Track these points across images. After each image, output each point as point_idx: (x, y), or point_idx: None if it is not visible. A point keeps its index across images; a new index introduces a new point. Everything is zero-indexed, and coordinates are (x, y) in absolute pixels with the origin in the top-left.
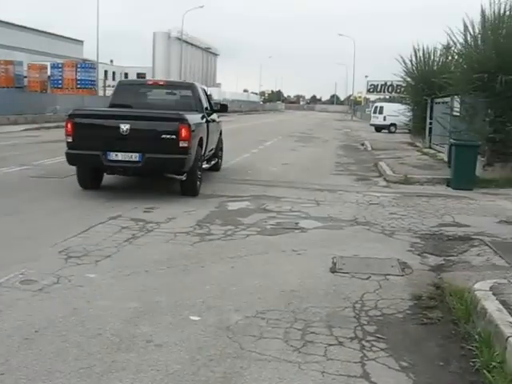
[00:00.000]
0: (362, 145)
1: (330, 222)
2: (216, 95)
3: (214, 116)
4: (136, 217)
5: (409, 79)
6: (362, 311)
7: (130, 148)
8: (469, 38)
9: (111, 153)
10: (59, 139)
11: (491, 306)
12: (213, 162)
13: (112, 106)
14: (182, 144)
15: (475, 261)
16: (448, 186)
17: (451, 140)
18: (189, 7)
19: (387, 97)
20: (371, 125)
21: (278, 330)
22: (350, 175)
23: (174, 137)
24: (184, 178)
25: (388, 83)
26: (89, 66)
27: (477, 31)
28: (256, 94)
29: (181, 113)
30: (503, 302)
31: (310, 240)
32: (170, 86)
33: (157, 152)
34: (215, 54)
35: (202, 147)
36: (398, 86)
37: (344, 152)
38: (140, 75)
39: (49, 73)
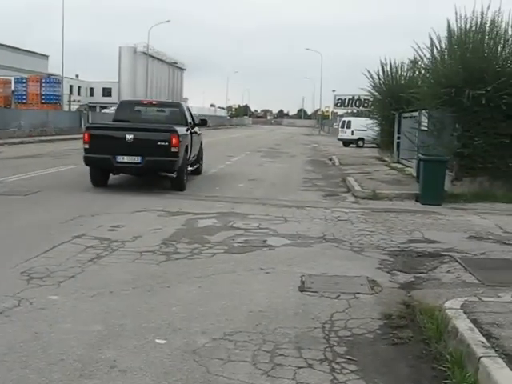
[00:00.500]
0: (330, 160)
1: (298, 239)
2: None
3: (196, 129)
4: (101, 235)
5: (376, 93)
6: (331, 331)
7: (133, 153)
8: (435, 53)
9: (119, 156)
10: (23, 155)
11: (462, 325)
12: (195, 166)
13: (115, 120)
14: (173, 149)
15: (445, 278)
16: (417, 201)
17: (419, 155)
18: (155, 22)
19: (355, 111)
20: (339, 139)
21: (246, 352)
22: (318, 191)
23: (166, 144)
24: (174, 176)
25: (355, 97)
26: (54, 80)
27: (443, 46)
28: (223, 108)
29: (171, 125)
30: (474, 321)
31: (279, 258)
32: (160, 104)
33: (154, 155)
34: (182, 69)
35: (187, 153)
36: (365, 100)
37: (312, 167)
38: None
39: (13, 88)
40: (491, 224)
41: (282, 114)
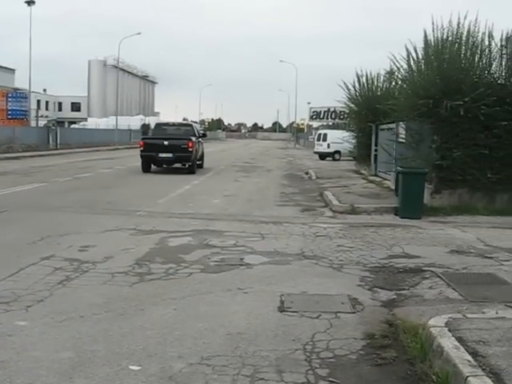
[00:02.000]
0: (307, 173)
1: (276, 257)
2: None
3: (200, 139)
4: (70, 256)
5: (352, 105)
6: (313, 353)
7: (168, 151)
8: (412, 64)
9: (160, 153)
10: None
11: (447, 343)
12: (199, 162)
13: (154, 134)
14: (190, 149)
15: (428, 294)
16: (396, 214)
17: (398, 167)
18: (126, 34)
19: (331, 123)
20: (315, 152)
21: (225, 377)
22: (296, 206)
23: (186, 146)
24: (190, 164)
25: (331, 109)
26: (20, 95)
27: (420, 56)
28: (196, 122)
29: (188, 136)
30: (460, 339)
31: (257, 277)
32: (179, 124)
33: (179, 152)
34: (153, 82)
35: (196, 152)
36: (341, 112)
37: (288, 181)
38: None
39: None
40: (472, 237)
41: (256, 128)
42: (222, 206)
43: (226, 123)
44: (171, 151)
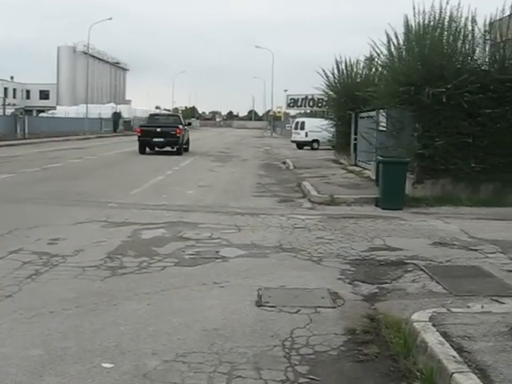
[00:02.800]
0: (284, 163)
1: (253, 250)
2: (126, 113)
3: (186, 127)
4: (39, 250)
5: (331, 93)
6: (292, 349)
7: (160, 136)
8: (393, 50)
9: (154, 138)
10: None
11: (432, 338)
12: (185, 146)
13: (148, 123)
14: (178, 135)
15: (411, 288)
16: (377, 206)
17: (378, 157)
18: (96, 19)
19: (308, 111)
20: (292, 141)
21: (201, 375)
22: (273, 197)
23: (174, 132)
24: (178, 147)
25: (309, 97)
26: None
27: (401, 42)
28: (169, 110)
29: (176, 124)
30: (444, 334)
31: (233, 270)
32: (168, 115)
33: (169, 137)
34: (124, 69)
35: (183, 138)
36: (319, 99)
37: (265, 172)
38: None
39: None
40: (456, 229)
41: (231, 116)
42: (196, 196)
43: (200, 111)
44: (163, 136)
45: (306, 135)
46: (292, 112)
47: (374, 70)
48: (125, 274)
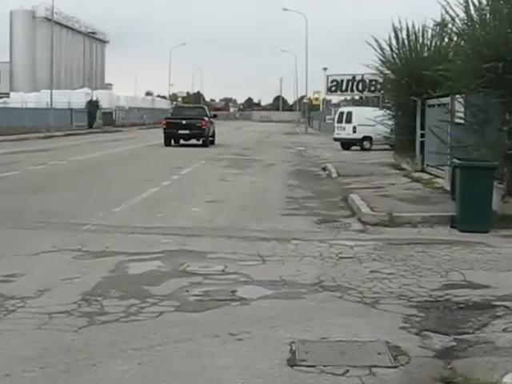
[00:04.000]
0: (324, 169)
1: (282, 289)
2: (105, 102)
3: (211, 119)
4: None
5: (388, 72)
6: None
7: (186, 128)
8: (473, 11)
9: (180, 130)
10: None
11: None
12: (211, 138)
13: (172, 115)
14: (203, 127)
15: (501, 340)
16: (453, 227)
17: (454, 160)
18: None
19: (357, 98)
20: (335, 139)
21: None
22: (309, 215)
23: (200, 124)
24: (204, 140)
25: (357, 78)
26: None
27: (484, 1)
28: (164, 98)
29: (202, 116)
30: None
31: (255, 317)
32: (194, 107)
33: (195, 130)
34: (103, 42)
35: (208, 130)
36: (372, 81)
37: (298, 181)
38: None
39: None
40: None
41: (251, 105)
42: (203, 215)
43: (207, 99)
44: (188, 128)
45: (354, 131)
46: (334, 99)
47: (446, 40)
48: (107, 322)
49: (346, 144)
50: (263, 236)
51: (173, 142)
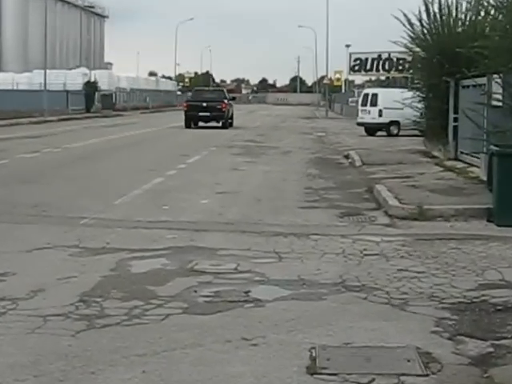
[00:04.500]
0: (347, 157)
1: (301, 289)
2: (105, 83)
3: (230, 102)
4: None
5: (418, 49)
6: None
7: (206, 111)
8: None
9: (200, 113)
10: None
11: None
12: (230, 121)
13: (192, 97)
14: (223, 109)
15: None
16: (489, 220)
17: (491, 146)
18: None
19: (383, 78)
20: (359, 124)
21: None
22: (331, 208)
23: (220, 107)
24: (223, 121)
25: (383, 56)
26: None
27: None
28: (170, 78)
29: (222, 99)
30: None
31: (271, 320)
32: (213, 90)
33: (215, 112)
34: (102, 17)
35: (228, 112)
36: (399, 60)
37: (318, 170)
38: None
39: None
40: None
41: (265, 86)
42: (214, 208)
43: (217, 80)
44: (209, 111)
45: (380, 114)
46: (358, 79)
47: (483, 13)
48: (107, 326)
49: (371, 129)
50: (280, 231)
51: (192, 124)
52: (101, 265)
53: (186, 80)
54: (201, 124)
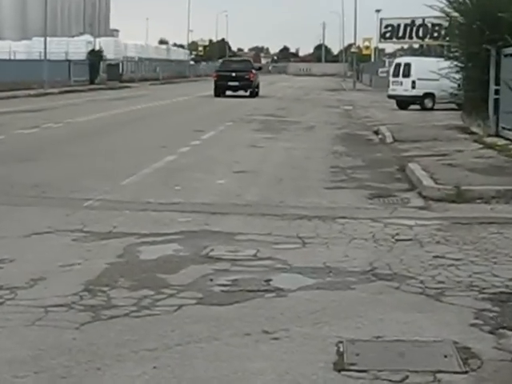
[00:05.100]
0: (377, 133)
1: (327, 277)
2: (111, 51)
3: (257, 72)
4: None
5: (455, 14)
6: None
7: (235, 80)
8: None
9: (229, 82)
10: None
11: None
12: (256, 90)
13: (221, 68)
14: (251, 79)
15: None
16: None
17: None
18: None
19: (416, 47)
20: (390, 97)
21: None
22: (359, 189)
23: (248, 77)
24: (250, 91)
25: (417, 22)
26: None
27: None
28: (182, 47)
29: (250, 69)
30: None
31: (295, 311)
32: (241, 60)
33: (243, 81)
34: None
35: (254, 81)
36: (435, 26)
37: (345, 147)
38: None
39: None
40: None
41: (286, 55)
42: (231, 189)
43: (234, 48)
44: (237, 80)
45: (413, 86)
46: (389, 48)
47: None
48: (114, 317)
49: (404, 102)
50: (303, 214)
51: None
52: (107, 251)
53: (200, 48)
54: (228, 93)
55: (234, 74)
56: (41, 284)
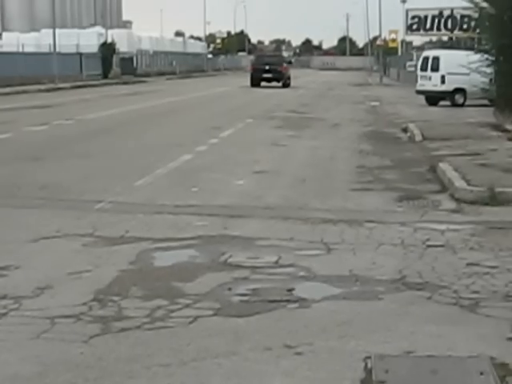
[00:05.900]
0: (405, 131)
1: (354, 287)
2: (124, 44)
3: (288, 65)
4: None
5: (485, 4)
6: None
7: (268, 72)
8: None
9: (263, 74)
10: None
11: None
12: (288, 81)
13: (256, 62)
14: (283, 71)
15: None
16: None
17: None
18: None
19: (445, 39)
20: (419, 92)
21: None
22: (387, 191)
23: (280, 69)
24: (282, 82)
25: (445, 13)
26: None
27: None
28: (199, 39)
29: (281, 62)
30: None
31: (319, 324)
32: (273, 55)
33: (276, 74)
34: None
35: (286, 73)
36: (464, 17)
37: (372, 146)
38: None
39: None
40: None
41: (309, 48)
42: (251, 190)
43: (253, 40)
44: (271, 72)
45: (443, 81)
46: (416, 40)
47: None
48: (126, 330)
49: (433, 98)
50: (328, 217)
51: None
52: (118, 257)
53: (218, 41)
54: (263, 84)
55: (267, 67)
56: (47, 293)
